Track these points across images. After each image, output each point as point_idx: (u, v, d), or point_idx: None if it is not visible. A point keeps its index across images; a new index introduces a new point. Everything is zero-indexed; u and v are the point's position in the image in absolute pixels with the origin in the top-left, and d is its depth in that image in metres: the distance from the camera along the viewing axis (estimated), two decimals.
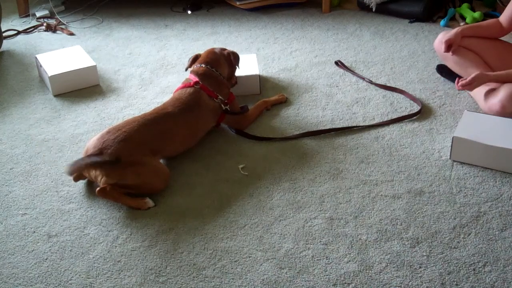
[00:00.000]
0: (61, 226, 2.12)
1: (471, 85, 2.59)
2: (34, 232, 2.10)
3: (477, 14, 3.67)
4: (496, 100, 2.54)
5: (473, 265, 1.89)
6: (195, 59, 2.68)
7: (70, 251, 2.01)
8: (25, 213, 2.19)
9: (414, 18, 3.77)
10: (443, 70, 3.03)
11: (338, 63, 3.24)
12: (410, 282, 1.83)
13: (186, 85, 2.52)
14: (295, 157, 2.46)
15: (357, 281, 1.85)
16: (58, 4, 4.21)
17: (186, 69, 2.69)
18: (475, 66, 2.77)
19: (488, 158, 2.32)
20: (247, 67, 2.95)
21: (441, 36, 2.88)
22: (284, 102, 2.86)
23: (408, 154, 2.45)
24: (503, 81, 2.59)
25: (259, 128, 2.66)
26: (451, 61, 2.90)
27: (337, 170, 2.37)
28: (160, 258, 1.96)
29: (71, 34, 3.82)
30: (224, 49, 2.73)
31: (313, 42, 3.55)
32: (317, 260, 1.93)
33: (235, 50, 2.83)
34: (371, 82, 3.03)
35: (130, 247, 2.01)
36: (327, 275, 1.87)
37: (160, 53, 3.48)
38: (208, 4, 4.17)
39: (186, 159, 2.46)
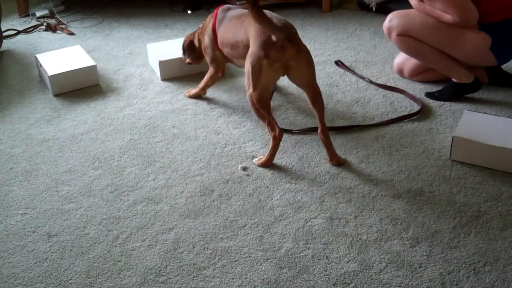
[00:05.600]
0: (61, 226, 2.12)
1: None
2: (34, 232, 2.10)
3: None
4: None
5: (473, 264, 1.89)
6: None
7: (70, 251, 2.01)
8: (25, 213, 2.19)
9: None
10: (432, 95, 2.88)
11: (338, 63, 3.24)
12: (410, 282, 1.83)
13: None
14: (295, 157, 2.46)
15: (357, 280, 1.85)
16: (58, 4, 4.21)
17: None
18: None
19: (488, 157, 2.32)
20: None
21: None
22: None
23: (408, 154, 2.45)
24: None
25: (259, 129, 2.66)
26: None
27: (337, 170, 2.37)
28: (160, 258, 1.96)
29: (71, 34, 3.82)
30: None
31: (313, 42, 3.55)
32: (317, 260, 1.93)
33: None
34: (371, 81, 3.03)
35: (130, 247, 2.01)
36: (327, 275, 1.87)
37: None
38: (208, 4, 4.17)
39: (186, 159, 2.46)
